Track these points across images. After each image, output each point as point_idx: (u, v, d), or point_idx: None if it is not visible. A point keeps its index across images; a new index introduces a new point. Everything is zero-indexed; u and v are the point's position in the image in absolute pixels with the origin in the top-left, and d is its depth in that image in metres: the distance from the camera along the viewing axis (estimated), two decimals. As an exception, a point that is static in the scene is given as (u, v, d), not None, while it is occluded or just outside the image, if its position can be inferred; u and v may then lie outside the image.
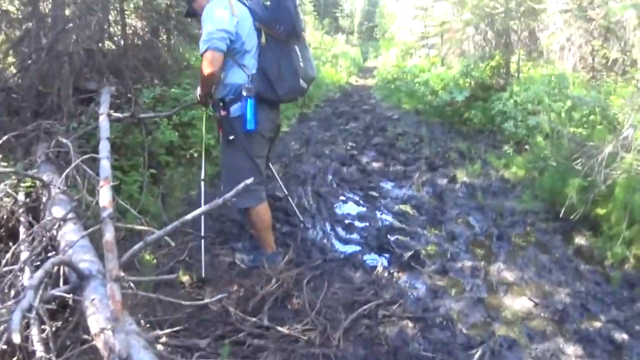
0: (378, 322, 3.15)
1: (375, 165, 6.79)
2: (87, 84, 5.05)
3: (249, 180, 2.51)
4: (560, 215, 4.22)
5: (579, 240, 4.23)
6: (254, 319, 3.11)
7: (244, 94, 3.29)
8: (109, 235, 2.43)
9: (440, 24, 13.35)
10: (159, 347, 2.71)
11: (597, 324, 3.19)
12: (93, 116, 4.52)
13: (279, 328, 3.03)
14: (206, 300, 3.01)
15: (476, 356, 2.91)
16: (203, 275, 3.57)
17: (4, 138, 3.83)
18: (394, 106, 11.85)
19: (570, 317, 3.26)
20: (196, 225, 3.91)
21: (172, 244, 3.17)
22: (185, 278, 3.55)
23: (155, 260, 3.70)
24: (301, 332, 3.01)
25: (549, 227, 4.52)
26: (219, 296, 3.03)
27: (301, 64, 3.43)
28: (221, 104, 3.44)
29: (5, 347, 2.15)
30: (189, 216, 2.58)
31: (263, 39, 3.37)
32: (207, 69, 3.25)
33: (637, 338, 3.05)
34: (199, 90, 3.69)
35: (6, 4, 5.68)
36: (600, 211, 4.14)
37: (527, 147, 6.28)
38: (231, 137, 3.44)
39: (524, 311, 3.36)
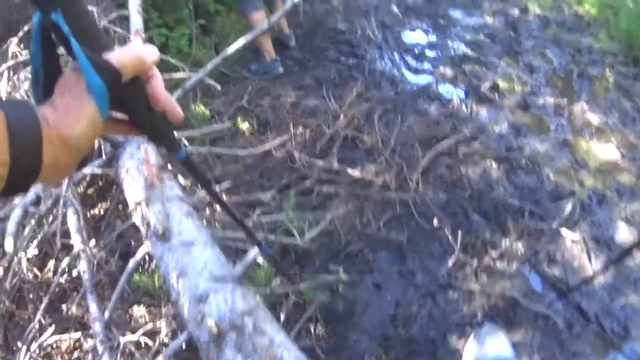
0: (459, 161, 2.48)
1: (441, -8, 5.61)
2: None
3: None
4: (640, 61, 3.34)
5: (661, 88, 3.36)
6: (321, 163, 2.47)
7: None
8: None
9: None
10: (218, 208, 2.15)
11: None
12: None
13: (350, 171, 2.41)
14: (267, 146, 2.41)
15: (567, 210, 2.26)
16: None
17: None
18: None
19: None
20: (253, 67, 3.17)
21: (218, 87, 2.40)
22: (244, 126, 2.81)
23: (209, 112, 2.90)
24: (375, 174, 2.40)
25: (629, 72, 3.62)
26: (280, 139, 2.43)
27: None
28: None
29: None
30: (231, 49, 2.13)
31: None
32: None
33: None
34: None
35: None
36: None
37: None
38: None
39: (611, 161, 2.70)
